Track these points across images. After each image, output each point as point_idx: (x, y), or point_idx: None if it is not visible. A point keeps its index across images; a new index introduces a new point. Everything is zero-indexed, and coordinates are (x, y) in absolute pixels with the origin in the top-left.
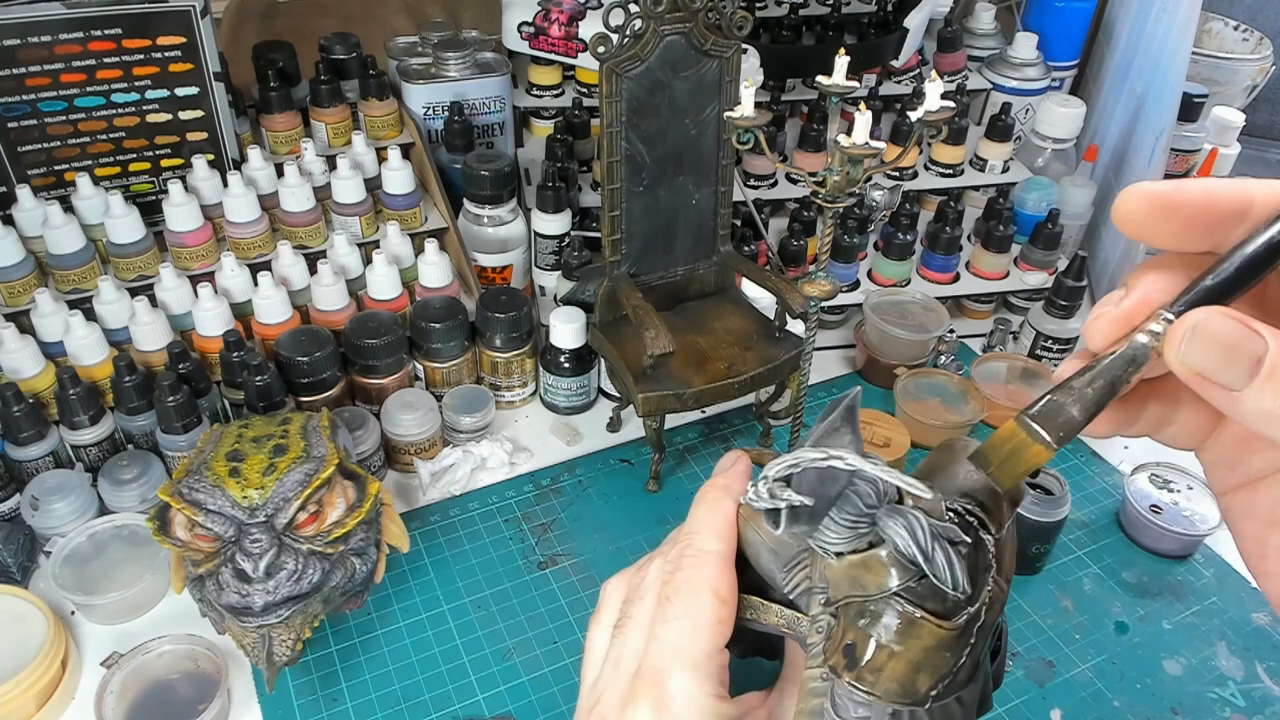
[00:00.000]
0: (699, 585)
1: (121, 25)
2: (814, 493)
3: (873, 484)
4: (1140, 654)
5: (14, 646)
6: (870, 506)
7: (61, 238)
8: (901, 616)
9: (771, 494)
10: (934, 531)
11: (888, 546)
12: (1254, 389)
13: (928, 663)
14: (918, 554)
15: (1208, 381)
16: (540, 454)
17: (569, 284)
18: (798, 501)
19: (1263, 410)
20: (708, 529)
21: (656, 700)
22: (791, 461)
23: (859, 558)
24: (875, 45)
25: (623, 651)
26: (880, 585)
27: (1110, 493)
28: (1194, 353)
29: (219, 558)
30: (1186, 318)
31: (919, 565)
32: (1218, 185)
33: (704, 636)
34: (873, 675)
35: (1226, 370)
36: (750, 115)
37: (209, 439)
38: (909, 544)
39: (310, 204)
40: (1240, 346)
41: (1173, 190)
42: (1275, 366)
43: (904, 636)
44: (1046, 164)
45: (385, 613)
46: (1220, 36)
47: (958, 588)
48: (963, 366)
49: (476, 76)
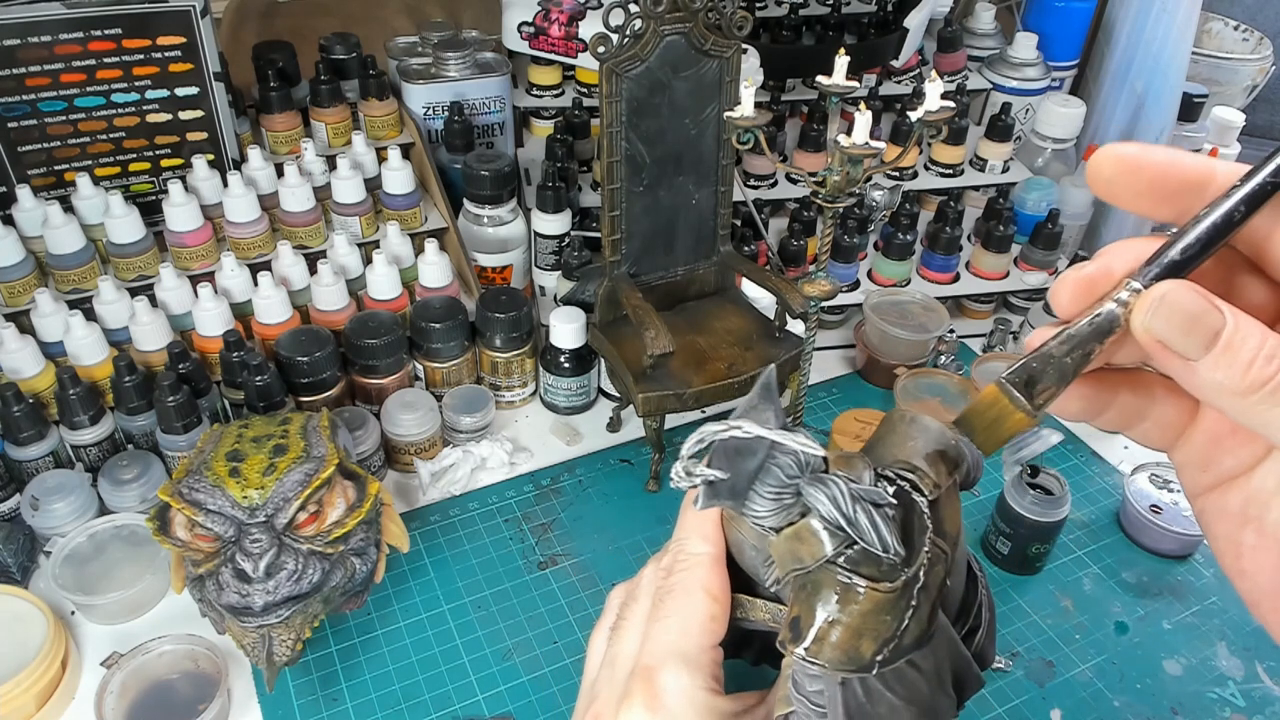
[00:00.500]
0: (691, 586)
1: (121, 25)
2: (730, 468)
3: (793, 455)
4: (1140, 654)
5: (14, 646)
6: (792, 477)
7: (61, 238)
8: (838, 584)
9: (688, 472)
10: (854, 494)
11: (815, 515)
12: (1209, 360)
13: (868, 628)
14: (840, 518)
15: (1167, 350)
16: (540, 454)
17: (569, 284)
18: (710, 476)
19: (1215, 381)
20: (695, 533)
21: (649, 695)
22: (699, 437)
23: (793, 529)
24: (875, 45)
25: (618, 652)
26: (815, 555)
27: (1110, 493)
28: (1159, 321)
29: (219, 558)
30: (1156, 287)
31: (844, 530)
32: (1183, 154)
33: (696, 633)
34: (817, 645)
35: (1186, 340)
36: (750, 115)
37: (209, 439)
38: (831, 510)
39: (310, 204)
40: (1202, 319)
41: (1139, 152)
42: (1230, 341)
43: (843, 604)
44: (1046, 164)
45: (385, 613)
46: (1220, 36)
47: (888, 549)
48: (963, 366)
49: (476, 76)
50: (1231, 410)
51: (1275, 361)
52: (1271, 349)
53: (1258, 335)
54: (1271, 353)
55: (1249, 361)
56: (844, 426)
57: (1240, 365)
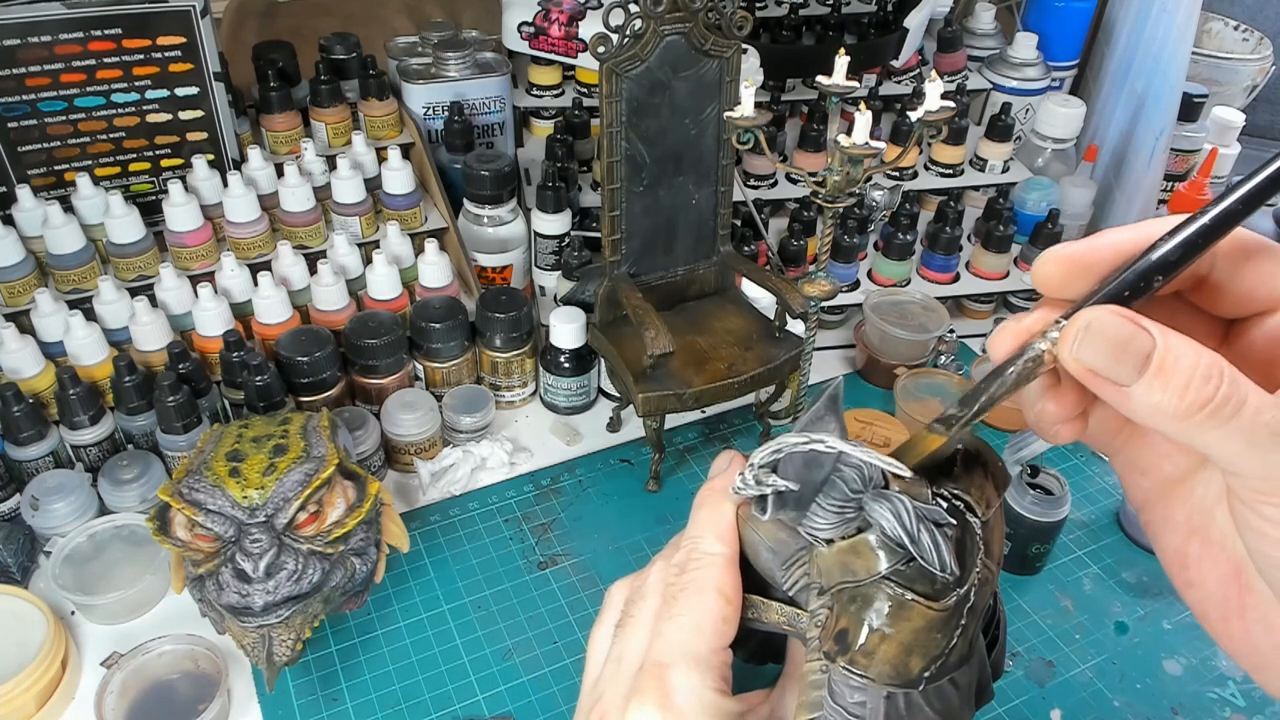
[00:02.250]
0: (704, 585)
1: (121, 25)
2: (799, 479)
3: (858, 469)
4: (1140, 654)
5: (14, 646)
6: (856, 491)
7: (61, 238)
8: (892, 599)
9: (757, 480)
10: (919, 514)
11: (875, 530)
12: (1143, 384)
13: (919, 644)
14: (904, 536)
15: (1099, 378)
16: (540, 454)
17: (569, 284)
18: (782, 486)
19: (1152, 404)
20: (710, 532)
21: (660, 693)
22: (775, 447)
23: (848, 543)
24: (875, 45)
25: (625, 650)
26: (870, 569)
27: (1110, 493)
28: (1086, 349)
29: (219, 558)
30: (1079, 316)
31: (905, 548)
32: (1123, 236)
33: (708, 633)
34: (865, 659)
35: (1116, 366)
36: (750, 115)
37: (209, 439)
38: (895, 527)
39: (310, 204)
40: (1130, 343)
41: (1086, 250)
42: (1163, 362)
43: (895, 619)
44: (1046, 164)
45: (385, 613)
46: (1220, 36)
47: (945, 569)
48: (963, 366)
49: (476, 76)
50: (1173, 433)
51: (1212, 381)
52: (1207, 368)
53: (1190, 354)
54: (1207, 372)
55: (1184, 384)
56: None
57: (1176, 388)
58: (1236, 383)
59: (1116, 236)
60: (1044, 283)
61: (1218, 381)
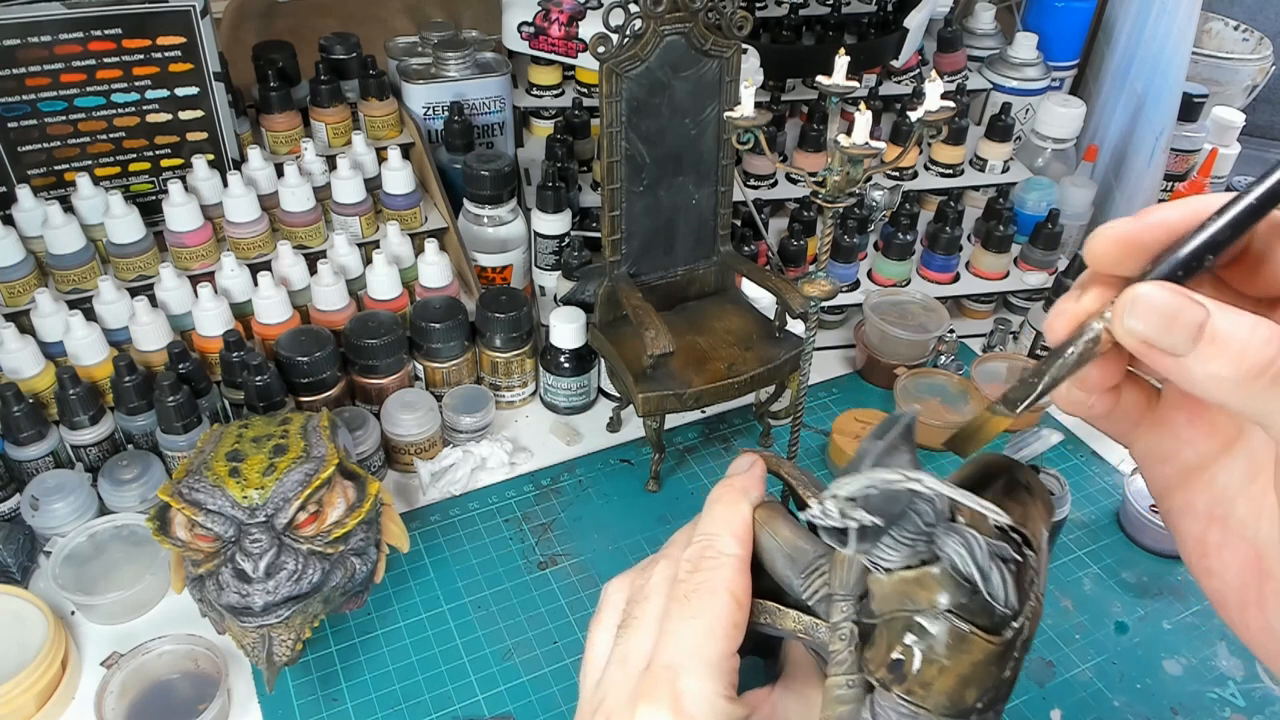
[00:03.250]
0: (717, 587)
1: (121, 25)
2: (881, 512)
3: (930, 502)
4: (1140, 654)
5: (14, 646)
6: (929, 525)
7: (61, 238)
8: (952, 632)
9: (843, 513)
10: (991, 551)
11: (943, 564)
12: (1199, 354)
13: (975, 677)
14: (975, 573)
15: (1155, 349)
16: (540, 454)
17: (569, 284)
18: (869, 522)
19: (1209, 374)
20: (726, 531)
21: (672, 697)
22: (867, 483)
23: (912, 574)
24: (875, 45)
25: (630, 651)
26: (931, 601)
27: (1110, 493)
28: (1137, 321)
29: (219, 558)
30: (1129, 290)
31: (975, 583)
32: (1173, 212)
33: (719, 638)
34: (922, 689)
35: (1170, 336)
36: (750, 115)
37: (209, 439)
38: (968, 563)
39: (310, 204)
40: (1182, 313)
41: (1138, 228)
42: (1216, 330)
43: (954, 651)
44: (1046, 164)
45: (385, 613)
46: (1220, 36)
47: (1009, 605)
48: (963, 366)
49: (476, 76)
50: (1233, 402)
51: (1271, 344)
52: (1266, 333)
53: (1245, 322)
54: (1268, 336)
55: (1241, 350)
56: (844, 426)
57: (1233, 354)
58: None
59: (1167, 213)
60: (1097, 259)
61: (1277, 345)
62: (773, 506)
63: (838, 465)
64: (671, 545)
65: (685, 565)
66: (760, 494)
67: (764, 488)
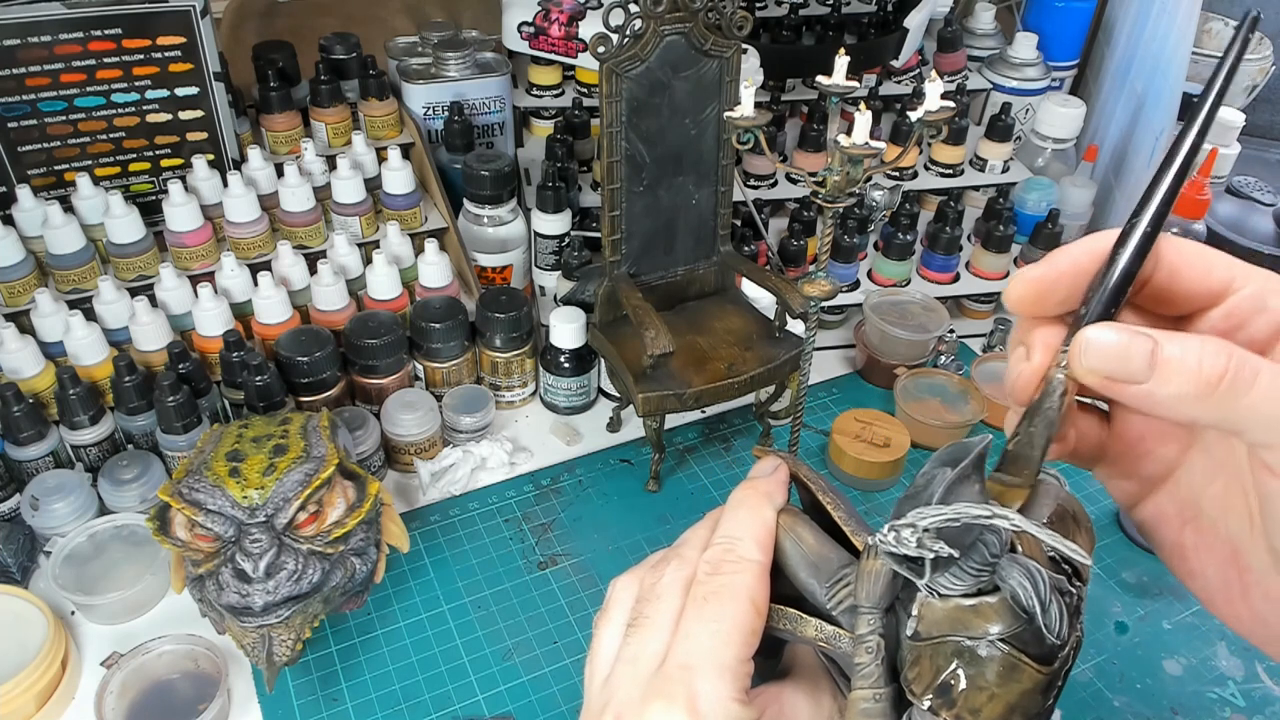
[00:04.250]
0: (738, 592)
1: (121, 25)
2: (954, 542)
3: (997, 534)
4: (1140, 654)
5: (14, 646)
6: (995, 556)
7: (61, 238)
8: (1004, 661)
9: (920, 543)
10: (1053, 584)
11: (1003, 594)
12: (1158, 378)
13: (1022, 705)
14: (1036, 605)
15: (1117, 383)
16: (540, 454)
17: (569, 284)
18: (946, 553)
19: (1171, 394)
20: (749, 536)
21: (687, 698)
22: (951, 516)
23: (970, 602)
24: (875, 45)
25: (641, 650)
26: (985, 629)
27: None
28: (1094, 360)
29: (219, 558)
30: (1078, 337)
31: (1034, 615)
32: (1079, 251)
33: (736, 644)
34: (971, 715)
35: (1127, 367)
36: (750, 115)
37: (209, 439)
38: (1030, 595)
39: (310, 204)
40: (1131, 344)
41: (1046, 269)
42: (1168, 353)
43: (1004, 680)
44: (1046, 164)
45: (385, 613)
46: (1220, 36)
47: (1063, 638)
48: (963, 366)
49: (476, 76)
50: (1203, 416)
51: (1220, 356)
52: (1213, 347)
53: (1193, 341)
54: (1215, 349)
55: (1195, 366)
56: (844, 426)
57: (1189, 371)
58: (1245, 355)
59: (1072, 252)
60: (1016, 304)
61: (1226, 356)
62: (795, 511)
63: (838, 465)
64: (683, 545)
65: (705, 567)
66: (783, 499)
67: (787, 493)
